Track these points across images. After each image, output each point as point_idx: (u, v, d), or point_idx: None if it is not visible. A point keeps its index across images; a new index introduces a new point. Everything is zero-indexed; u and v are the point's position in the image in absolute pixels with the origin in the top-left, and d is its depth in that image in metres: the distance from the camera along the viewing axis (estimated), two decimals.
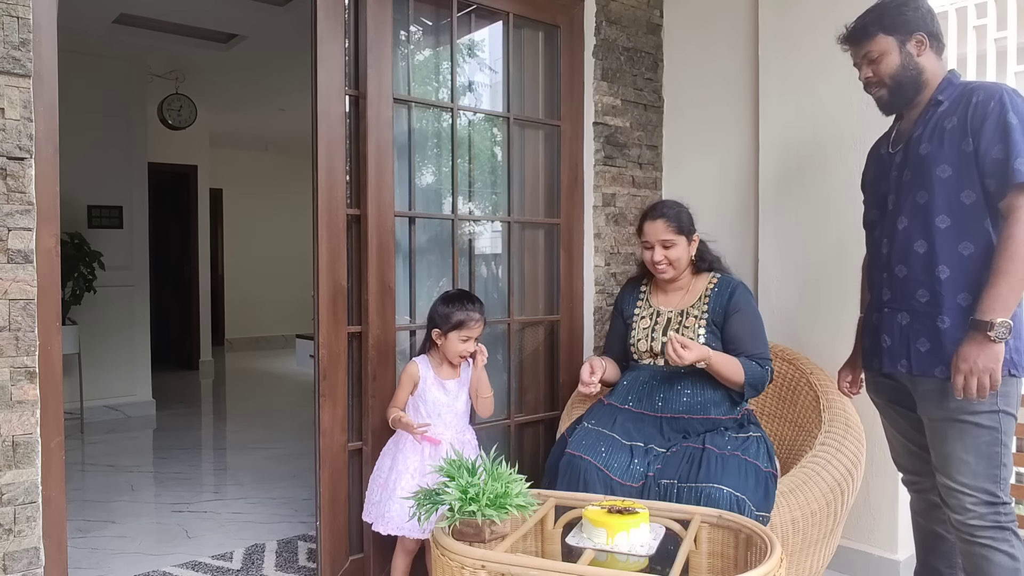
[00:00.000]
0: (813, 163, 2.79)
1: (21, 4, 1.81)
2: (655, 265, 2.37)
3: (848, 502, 2.27)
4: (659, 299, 2.46)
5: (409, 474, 2.26)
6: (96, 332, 5.23)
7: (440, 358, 2.37)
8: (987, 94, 1.76)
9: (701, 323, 2.33)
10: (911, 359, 1.85)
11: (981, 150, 1.73)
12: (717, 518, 1.82)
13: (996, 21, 2.62)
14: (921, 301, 1.83)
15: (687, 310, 2.38)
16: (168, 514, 3.37)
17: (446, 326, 2.31)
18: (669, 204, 2.43)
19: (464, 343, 2.32)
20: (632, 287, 2.58)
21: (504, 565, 1.54)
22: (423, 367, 2.36)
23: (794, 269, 2.85)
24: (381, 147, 2.49)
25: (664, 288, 2.46)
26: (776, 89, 2.89)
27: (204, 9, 4.52)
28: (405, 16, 2.65)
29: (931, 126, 1.84)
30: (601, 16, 3.12)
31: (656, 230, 2.35)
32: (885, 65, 1.89)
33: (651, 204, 2.51)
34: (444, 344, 2.33)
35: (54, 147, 1.89)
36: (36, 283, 1.85)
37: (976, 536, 1.78)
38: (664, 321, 2.39)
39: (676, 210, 2.39)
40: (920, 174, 1.84)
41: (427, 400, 2.33)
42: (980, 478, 1.76)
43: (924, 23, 1.87)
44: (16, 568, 1.82)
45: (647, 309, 2.45)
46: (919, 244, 1.83)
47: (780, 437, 2.66)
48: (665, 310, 2.42)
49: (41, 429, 1.87)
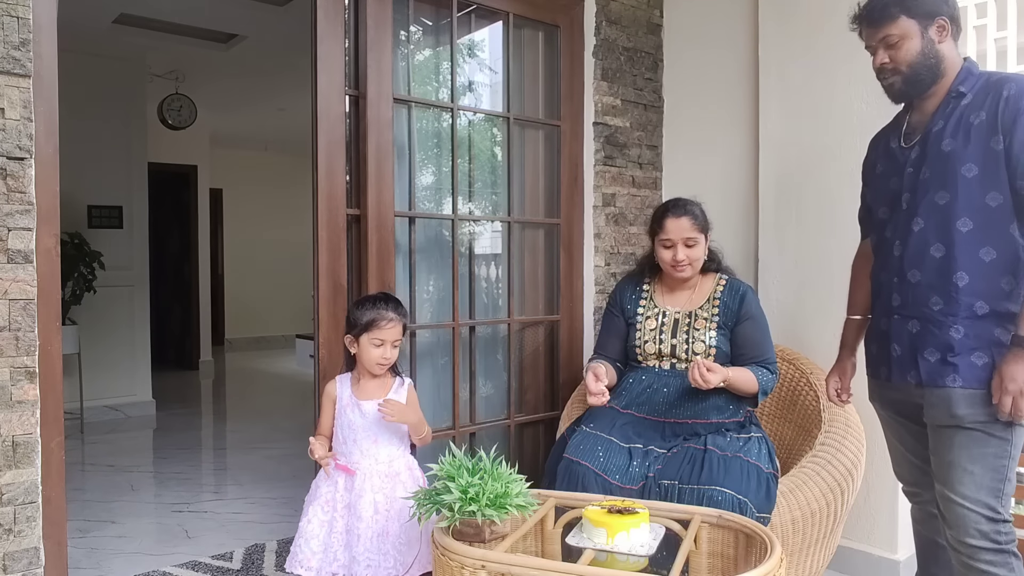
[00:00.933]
0: (813, 163, 2.79)
1: (21, 4, 1.81)
2: (676, 264, 2.27)
3: (848, 502, 2.27)
4: (664, 299, 2.38)
5: (319, 505, 2.06)
6: (96, 332, 5.23)
7: (359, 372, 2.14)
8: (1020, 88, 1.63)
9: (711, 325, 2.28)
10: (920, 370, 1.74)
11: (1015, 149, 1.61)
12: (717, 518, 1.82)
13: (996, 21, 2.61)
14: (934, 309, 1.71)
15: (695, 312, 2.32)
16: (168, 514, 3.37)
17: (356, 329, 2.07)
18: (691, 201, 2.33)
19: (378, 348, 2.06)
20: (632, 284, 2.47)
21: (504, 565, 1.53)
22: (340, 385, 2.13)
23: (794, 269, 2.85)
24: (381, 147, 2.49)
25: (671, 287, 2.38)
26: (776, 89, 2.89)
27: (204, 9, 4.52)
28: (405, 16, 2.65)
29: (954, 120, 1.70)
30: (601, 16, 3.12)
31: (681, 228, 2.25)
32: (905, 51, 1.73)
33: (672, 201, 2.37)
34: (359, 352, 2.09)
35: (54, 147, 1.89)
36: (36, 283, 1.85)
37: (975, 561, 1.68)
38: (671, 322, 2.32)
39: (699, 207, 2.31)
40: (941, 172, 1.71)
41: (342, 423, 2.09)
42: (982, 491, 1.66)
43: (947, 6, 1.72)
44: (16, 568, 1.82)
45: (652, 309, 2.37)
46: (936, 248, 1.71)
47: (780, 437, 2.66)
48: (672, 311, 2.34)
49: (41, 429, 1.87)
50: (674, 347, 2.29)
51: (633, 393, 2.30)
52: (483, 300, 3.00)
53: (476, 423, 2.86)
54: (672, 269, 2.30)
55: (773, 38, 2.90)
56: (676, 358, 2.29)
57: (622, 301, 2.45)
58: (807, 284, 2.81)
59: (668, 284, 2.39)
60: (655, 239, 2.32)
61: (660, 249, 2.30)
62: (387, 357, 2.08)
